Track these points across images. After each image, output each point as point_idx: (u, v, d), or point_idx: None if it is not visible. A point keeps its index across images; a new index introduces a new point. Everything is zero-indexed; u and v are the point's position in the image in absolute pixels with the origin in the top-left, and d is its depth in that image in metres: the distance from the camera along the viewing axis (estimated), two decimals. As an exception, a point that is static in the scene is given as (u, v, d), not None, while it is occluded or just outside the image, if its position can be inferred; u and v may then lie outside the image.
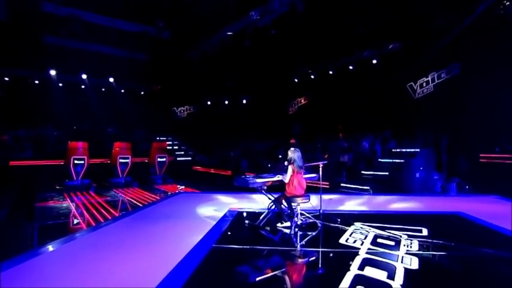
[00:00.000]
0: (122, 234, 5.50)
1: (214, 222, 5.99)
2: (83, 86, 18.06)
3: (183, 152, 19.27)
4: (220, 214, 6.70)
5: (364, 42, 16.17)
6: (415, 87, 16.05)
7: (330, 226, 5.72)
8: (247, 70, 18.66)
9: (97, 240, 5.14)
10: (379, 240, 4.90)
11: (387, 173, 12.06)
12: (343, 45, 16.39)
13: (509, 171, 9.63)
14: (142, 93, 20.95)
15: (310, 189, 6.15)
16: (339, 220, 6.00)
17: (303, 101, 20.55)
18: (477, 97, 12.35)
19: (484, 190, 9.94)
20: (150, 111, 20.05)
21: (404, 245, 4.65)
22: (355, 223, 5.84)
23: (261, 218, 5.82)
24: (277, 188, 6.00)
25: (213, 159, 17.97)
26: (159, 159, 14.74)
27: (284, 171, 6.11)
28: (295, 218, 5.57)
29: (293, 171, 5.53)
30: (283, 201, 5.79)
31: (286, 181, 5.57)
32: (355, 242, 4.83)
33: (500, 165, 9.92)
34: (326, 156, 14.30)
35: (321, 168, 6.30)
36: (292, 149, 5.77)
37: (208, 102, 22.01)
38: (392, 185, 11.58)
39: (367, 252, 4.36)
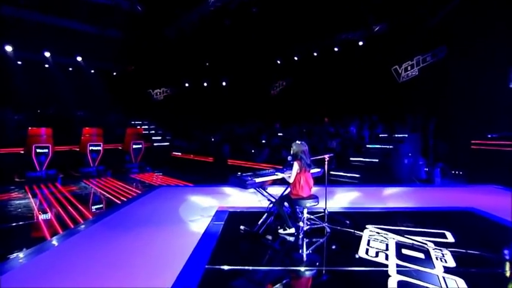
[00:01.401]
0: (87, 251, 4.29)
1: (203, 229, 4.89)
2: (46, 65, 15.91)
3: (160, 137, 17.76)
4: (208, 215, 5.60)
5: (350, 22, 15.15)
6: (400, 71, 15.35)
7: (339, 230, 4.78)
8: (228, 50, 17.19)
9: (49, 262, 3.91)
10: (404, 251, 4.01)
11: (377, 160, 11.35)
12: (328, 26, 15.28)
13: (501, 157, 9.11)
14: (114, 74, 18.95)
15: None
16: (347, 222, 5.08)
17: (285, 83, 19.44)
18: (464, 81, 11.75)
19: (476, 177, 9.46)
20: (123, 93, 18.21)
21: (437, 258, 3.78)
22: (367, 226, 4.93)
23: (259, 222, 4.78)
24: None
25: (193, 144, 16.65)
26: (134, 146, 13.27)
27: (286, 167, 5.07)
28: (301, 223, 4.58)
29: (299, 169, 4.48)
30: (286, 203, 4.78)
31: (291, 180, 4.52)
32: (377, 255, 3.91)
33: (491, 152, 9.38)
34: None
35: (326, 162, 5.29)
36: (297, 142, 4.69)
37: (187, 84, 20.38)
38: (383, 172, 10.92)
39: (398, 272, 3.44)
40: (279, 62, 18.24)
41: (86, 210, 6.62)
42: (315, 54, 16.80)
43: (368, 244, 4.23)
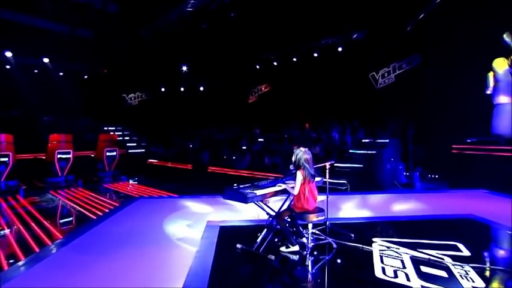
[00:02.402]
0: (57, 281, 3.49)
1: (193, 249, 4.22)
2: (8, 66, 14.45)
3: (135, 144, 16.70)
4: (197, 232, 4.93)
5: (329, 28, 15.03)
6: (377, 77, 15.41)
7: (346, 246, 4.29)
8: (206, 53, 16.53)
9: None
10: (423, 268, 3.57)
11: (361, 165, 11.11)
12: (308, 31, 15.08)
13: (479, 161, 9.13)
14: (86, 76, 17.66)
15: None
16: (352, 236, 4.61)
17: (263, 88, 19.03)
18: (439, 88, 11.91)
19: (456, 182, 9.43)
20: (95, 97, 16.97)
21: (461, 277, 3.37)
22: (374, 239, 4.49)
23: (258, 240, 4.18)
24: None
25: (170, 151, 15.75)
26: (108, 153, 12.22)
27: (287, 177, 4.53)
28: (305, 240, 4.04)
29: (303, 179, 3.95)
30: (287, 217, 4.23)
31: (295, 192, 3.97)
32: (396, 274, 3.45)
33: (470, 156, 9.39)
34: (295, 147, 13.02)
35: (327, 170, 4.82)
36: (301, 149, 4.16)
37: (163, 89, 19.43)
38: (367, 177, 10.69)
39: (427, 297, 2.99)
40: (258, 66, 17.80)
41: (54, 228, 5.71)
42: (295, 59, 16.53)
43: (382, 261, 3.77)
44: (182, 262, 3.78)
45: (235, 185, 4.13)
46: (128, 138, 17.12)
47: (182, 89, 19.22)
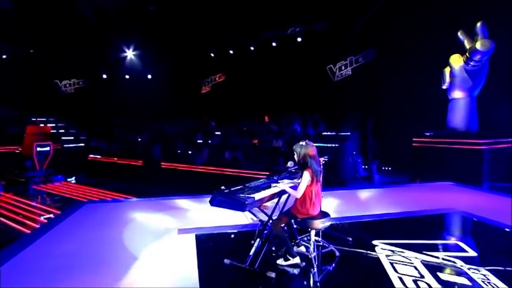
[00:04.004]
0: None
1: (166, 267, 3.39)
2: None
3: (72, 137, 14.65)
4: (168, 245, 4.07)
5: (289, 17, 14.68)
6: (335, 70, 15.52)
7: (349, 252, 3.82)
8: (155, 38, 15.08)
9: None
10: (441, 275, 3.23)
11: (326, 158, 10.95)
12: (267, 19, 14.56)
13: (436, 154, 9.48)
14: (4, 57, 14.87)
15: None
16: (350, 240, 4.16)
17: (218, 78, 18.14)
18: (394, 82, 12.28)
19: (418, 175, 9.73)
20: (19, 83, 14.45)
21: (483, 282, 3.09)
22: (373, 242, 4.10)
23: (251, 253, 3.48)
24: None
25: (115, 145, 14.11)
26: (39, 149, 10.41)
27: (283, 175, 3.90)
28: (311, 251, 3.47)
29: (311, 180, 3.35)
30: (285, 223, 3.61)
31: (299, 195, 3.36)
32: (418, 286, 3.05)
33: (429, 149, 9.73)
34: (256, 141, 12.50)
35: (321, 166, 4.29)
36: (302, 143, 3.53)
37: (104, 76, 17.37)
38: (332, 171, 10.57)
39: (464, 312, 2.61)
40: (212, 54, 16.82)
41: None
42: (252, 48, 15.90)
43: (395, 270, 3.36)
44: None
45: (223, 187, 3.38)
46: (63, 131, 14.95)
47: (127, 76, 17.40)
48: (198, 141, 13.44)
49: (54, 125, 14.68)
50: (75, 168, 12.27)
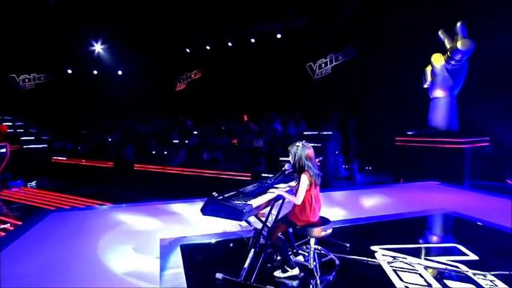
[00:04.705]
0: None
1: (150, 285, 3.07)
2: None
3: (33, 138, 13.63)
4: (150, 258, 3.72)
5: (268, 12, 14.47)
6: (314, 68, 15.55)
7: (348, 260, 3.65)
8: (126, 31, 14.38)
9: None
10: (450, 283, 3.11)
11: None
12: (245, 13, 14.25)
13: (419, 153, 9.63)
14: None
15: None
16: (348, 246, 4.00)
17: (193, 75, 17.66)
18: (376, 81, 12.41)
19: (401, 174, 9.87)
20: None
21: (492, 289, 3.02)
22: (372, 248, 3.96)
23: (245, 265, 3.20)
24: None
25: (83, 146, 13.31)
26: (-6, 151, 9.54)
27: (279, 179, 3.66)
28: (311, 261, 3.25)
29: (309, 184, 3.14)
30: (280, 232, 3.37)
31: (299, 201, 3.13)
32: (427, 296, 2.92)
33: (413, 148, 9.88)
34: (235, 141, 12.21)
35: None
36: (298, 144, 3.30)
37: (69, 71, 16.36)
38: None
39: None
40: (188, 50, 16.33)
41: None
42: (230, 43, 15.58)
43: (400, 279, 3.22)
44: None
45: (215, 193, 3.08)
46: (22, 130, 13.88)
47: (95, 72, 16.50)
48: (174, 141, 12.96)
49: (11, 124, 13.60)
50: (36, 171, 11.43)
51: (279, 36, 14.55)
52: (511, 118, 10.00)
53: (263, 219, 3.55)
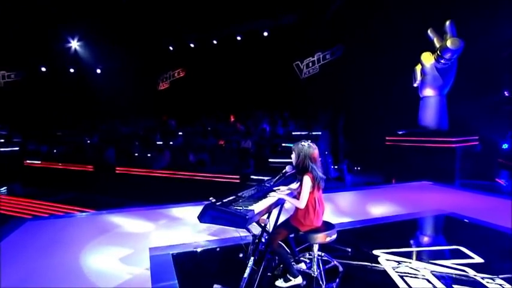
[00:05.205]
0: None
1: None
2: None
3: (2, 140, 12.99)
4: (140, 269, 3.49)
5: (255, 10, 14.34)
6: (302, 67, 15.54)
7: (352, 266, 3.54)
8: (105, 27, 13.94)
9: None
10: (460, 289, 3.07)
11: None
12: (231, 10, 14.09)
13: (411, 153, 9.70)
14: None
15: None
16: (349, 251, 3.90)
17: (177, 74, 17.35)
18: (365, 80, 12.49)
19: (393, 174, 9.91)
20: None
21: (503, 294, 2.97)
22: (374, 252, 3.86)
23: (245, 276, 3.02)
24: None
25: (59, 148, 12.77)
26: (-39, 155, 8.97)
27: (280, 182, 3.50)
28: (314, 269, 3.12)
29: (312, 186, 3.00)
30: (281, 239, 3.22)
31: (303, 205, 2.99)
32: (438, 302, 2.84)
33: (404, 148, 9.95)
34: (222, 142, 12.00)
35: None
36: (302, 144, 3.16)
37: (43, 69, 15.72)
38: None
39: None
40: (171, 48, 16.00)
41: None
42: (215, 41, 15.37)
43: (408, 285, 3.13)
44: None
45: (212, 199, 2.90)
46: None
47: (72, 70, 15.92)
48: (158, 142, 12.63)
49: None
50: (7, 176, 10.87)
51: (265, 34, 14.45)
52: (499, 117, 10.27)
53: (262, 224, 3.39)
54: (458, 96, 9.74)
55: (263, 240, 3.32)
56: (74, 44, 14.87)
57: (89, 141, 12.93)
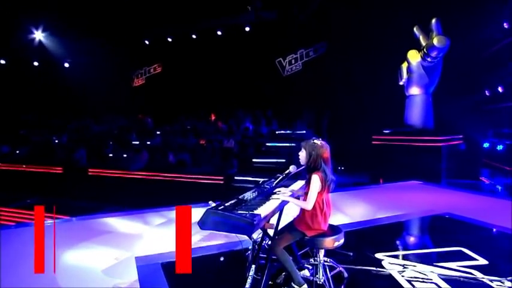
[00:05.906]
0: None
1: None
2: None
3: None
4: (127, 282, 3.24)
5: (236, 4, 14.13)
6: (284, 64, 15.48)
7: (356, 271, 3.44)
8: (75, 18, 13.27)
9: None
10: (470, 293, 3.03)
11: (284, 160, 10.67)
12: (211, 3, 13.80)
13: (398, 152, 9.82)
14: None
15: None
16: (351, 255, 3.80)
17: (153, 70, 16.87)
18: (350, 77, 12.57)
19: (379, 174, 10.01)
20: None
21: (514, 296, 2.96)
22: (376, 255, 3.79)
23: (247, 284, 2.84)
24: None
25: (23, 149, 12.04)
26: None
27: (281, 183, 3.34)
28: (320, 275, 2.98)
29: (321, 187, 2.87)
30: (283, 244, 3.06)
31: (310, 206, 2.84)
32: (451, 308, 2.78)
33: (390, 147, 10.08)
34: (204, 141, 11.73)
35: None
36: (313, 141, 3.00)
37: (3, 61, 14.77)
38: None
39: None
40: (147, 42, 15.51)
41: None
42: (194, 36, 15.03)
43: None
44: None
45: (212, 203, 2.70)
46: None
47: (36, 63, 15.07)
48: (134, 142, 12.17)
49: None
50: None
51: (247, 29, 14.26)
52: (480, 116, 10.62)
53: (267, 229, 3.22)
54: (442, 95, 9.97)
55: (264, 245, 3.15)
56: (38, 36, 14.07)
57: (57, 141, 12.27)
